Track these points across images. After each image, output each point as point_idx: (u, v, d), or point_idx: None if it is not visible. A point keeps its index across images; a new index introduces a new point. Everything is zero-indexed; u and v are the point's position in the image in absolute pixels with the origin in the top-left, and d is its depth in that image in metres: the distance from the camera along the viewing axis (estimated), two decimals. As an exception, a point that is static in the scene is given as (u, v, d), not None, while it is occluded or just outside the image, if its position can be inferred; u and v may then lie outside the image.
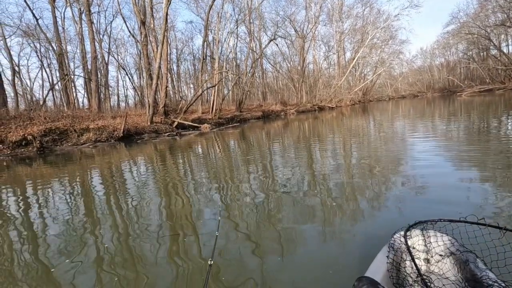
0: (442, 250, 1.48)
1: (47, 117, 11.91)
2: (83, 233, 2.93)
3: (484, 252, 1.41)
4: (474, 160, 4.26)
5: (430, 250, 1.51)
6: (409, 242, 1.49)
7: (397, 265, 1.44)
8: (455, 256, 1.43)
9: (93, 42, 17.96)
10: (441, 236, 1.53)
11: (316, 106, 31.44)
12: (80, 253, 2.47)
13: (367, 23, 37.22)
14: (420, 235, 1.56)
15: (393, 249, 1.49)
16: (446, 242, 1.49)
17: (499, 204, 2.66)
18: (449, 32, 44.79)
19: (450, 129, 7.92)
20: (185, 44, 35.14)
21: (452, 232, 1.57)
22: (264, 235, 2.53)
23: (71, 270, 2.21)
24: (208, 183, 4.56)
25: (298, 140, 9.05)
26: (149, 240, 2.58)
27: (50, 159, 9.29)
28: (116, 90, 34.78)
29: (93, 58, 17.99)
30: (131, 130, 13.08)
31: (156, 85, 14.23)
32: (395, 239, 1.55)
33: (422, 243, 1.54)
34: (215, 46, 21.19)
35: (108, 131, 12.27)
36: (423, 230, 1.59)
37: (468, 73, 47.15)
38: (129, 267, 2.17)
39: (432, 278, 1.33)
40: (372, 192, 3.36)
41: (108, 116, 14.49)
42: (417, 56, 59.64)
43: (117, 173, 6.40)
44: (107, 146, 11.64)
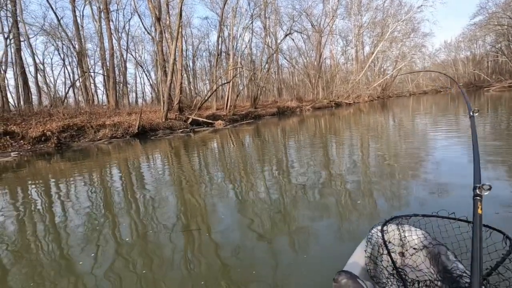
0: (416, 243, 1.54)
1: (66, 114, 12.23)
2: (101, 227, 3.00)
3: (455, 245, 1.48)
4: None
5: (405, 244, 1.57)
6: (385, 237, 1.52)
7: (374, 259, 1.47)
8: (428, 249, 1.50)
9: (110, 40, 18.27)
10: (415, 230, 1.60)
11: (333, 102, 30.67)
12: (98, 247, 2.53)
13: (387, 15, 35.73)
14: (396, 229, 1.62)
15: (370, 244, 1.53)
16: (419, 236, 1.57)
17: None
18: (476, 24, 42.18)
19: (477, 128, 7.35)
20: (201, 41, 35.21)
21: (425, 226, 1.64)
22: (279, 233, 2.54)
23: (90, 263, 2.26)
24: (223, 180, 4.48)
25: (313, 138, 8.76)
26: (166, 236, 2.61)
27: (67, 154, 9.50)
28: (134, 87, 35.52)
29: (111, 56, 18.31)
30: (146, 127, 13.20)
31: (170, 81, 14.26)
32: (373, 234, 1.59)
33: (397, 237, 1.59)
34: (230, 42, 21.01)
35: (123, 128, 12.43)
36: (398, 224, 1.64)
37: (496, 67, 44.46)
38: (146, 263, 2.19)
39: (407, 271, 1.37)
40: (389, 193, 3.30)
41: (123, 112, 14.70)
42: (441, 49, 56.90)
43: (133, 169, 6.44)
44: (122, 142, 11.79)
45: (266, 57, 26.71)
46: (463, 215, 1.48)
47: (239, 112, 20.32)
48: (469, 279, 1.12)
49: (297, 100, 29.64)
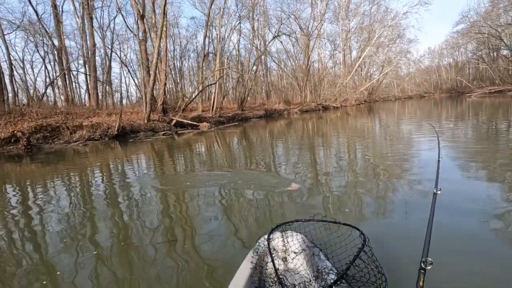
0: (297, 248, 1.63)
1: (40, 113, 11.56)
2: (76, 235, 2.80)
3: (327, 244, 1.63)
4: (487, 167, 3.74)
5: (288, 249, 1.64)
6: (271, 245, 1.57)
7: (260, 268, 1.52)
8: (305, 252, 1.61)
9: (92, 37, 17.60)
10: (296, 235, 1.68)
11: (321, 105, 30.76)
12: (75, 257, 2.34)
13: (374, 21, 36.37)
14: (280, 236, 1.69)
15: (257, 253, 1.57)
16: (299, 240, 1.66)
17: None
18: (458, 32, 43.58)
19: (457, 133, 7.36)
20: (189, 41, 34.68)
21: (304, 230, 1.74)
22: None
23: (68, 273, 2.12)
24: (208, 185, 4.22)
25: (301, 141, 8.55)
26: (147, 245, 2.45)
27: (39, 157, 8.93)
28: (119, 87, 34.56)
29: (92, 54, 17.64)
30: (126, 128, 12.65)
31: (153, 81, 13.79)
32: (260, 243, 1.64)
33: (281, 243, 1.66)
34: (218, 43, 20.67)
35: (102, 129, 11.86)
36: (283, 231, 1.71)
37: (477, 73, 45.99)
38: (127, 274, 2.07)
39: (288, 275, 1.44)
40: (375, 192, 3.31)
41: (103, 113, 14.09)
42: (425, 56, 58.29)
43: (112, 173, 6.04)
44: (100, 144, 11.24)
45: (254, 58, 26.54)
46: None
47: (226, 114, 19.98)
48: (334, 275, 1.32)
49: (285, 103, 29.56)
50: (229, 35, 21.76)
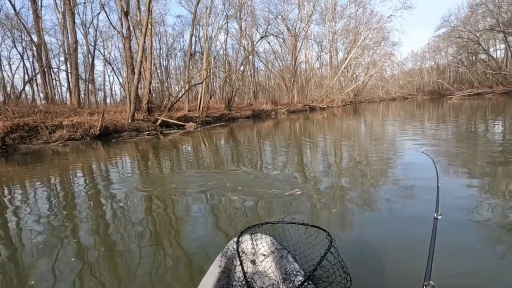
0: (265, 250, 1.62)
1: (16, 112, 11.02)
2: (55, 240, 2.64)
3: (295, 246, 1.62)
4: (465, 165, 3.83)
5: (257, 252, 1.63)
6: (240, 248, 1.55)
7: (228, 272, 1.50)
8: (274, 254, 1.60)
9: (74, 33, 16.99)
10: (265, 238, 1.68)
11: (307, 106, 31.04)
12: (55, 262, 2.22)
13: (360, 23, 37.05)
14: (249, 239, 1.67)
15: (225, 257, 1.55)
16: (268, 242, 1.65)
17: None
18: (439, 36, 45.18)
19: (438, 134, 7.56)
20: (176, 40, 34.16)
21: (273, 233, 1.75)
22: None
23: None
24: (195, 186, 4.08)
25: (289, 142, 8.54)
26: (131, 250, 2.34)
27: (15, 158, 8.51)
28: (103, 86, 33.59)
29: (74, 50, 17.02)
30: (109, 128, 12.27)
31: (137, 80, 13.45)
32: (228, 247, 1.63)
33: (251, 246, 1.65)
34: (204, 42, 20.43)
35: (83, 129, 11.44)
36: (252, 234, 1.69)
37: (457, 76, 47.71)
38: (111, 280, 1.98)
39: (256, 278, 1.43)
40: (361, 191, 3.36)
41: (85, 112, 13.61)
42: (408, 58, 60.04)
43: (94, 174, 5.80)
44: (82, 144, 10.85)
45: (241, 58, 26.45)
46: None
47: (213, 114, 19.78)
48: (302, 277, 1.33)
49: (272, 103, 29.64)
50: (216, 35, 21.58)
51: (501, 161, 4.23)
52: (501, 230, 2.32)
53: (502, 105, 16.14)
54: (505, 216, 2.52)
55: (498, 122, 9.34)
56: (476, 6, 34.49)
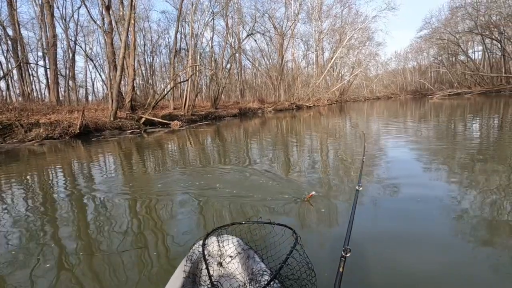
0: (232, 251, 1.59)
1: (-12, 110, 10.44)
2: (31, 244, 2.50)
3: (262, 245, 1.63)
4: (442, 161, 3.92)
5: (223, 253, 1.60)
6: (206, 250, 1.53)
7: (193, 277, 1.46)
8: (240, 255, 1.58)
9: (52, 27, 16.28)
10: (232, 239, 1.66)
11: (294, 104, 31.18)
12: (32, 268, 2.09)
13: (345, 23, 37.53)
14: (216, 241, 1.64)
15: (190, 261, 1.51)
16: (235, 243, 1.63)
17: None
18: (422, 37, 46.51)
19: (420, 132, 7.75)
20: (161, 36, 33.44)
21: (240, 233, 1.74)
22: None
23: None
24: (181, 186, 3.96)
25: (276, 140, 8.50)
26: (113, 254, 2.23)
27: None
28: (84, 82, 32.45)
29: (52, 45, 16.30)
30: (90, 126, 11.83)
31: (120, 76, 13.02)
32: (194, 250, 1.58)
33: (217, 248, 1.62)
34: (190, 39, 20.07)
35: (62, 127, 10.96)
36: (218, 235, 1.66)
37: (438, 77, 49.29)
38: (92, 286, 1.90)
39: (222, 281, 1.39)
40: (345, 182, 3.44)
41: (64, 109, 13.07)
42: (392, 59, 61.55)
43: (72, 175, 5.53)
44: (60, 143, 10.41)
45: (228, 56, 26.21)
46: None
47: (199, 112, 19.50)
48: (268, 276, 1.33)
49: (259, 101, 29.58)
50: (202, 32, 21.25)
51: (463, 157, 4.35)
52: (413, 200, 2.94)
53: (479, 105, 16.77)
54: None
55: (463, 120, 9.68)
56: (456, 9, 35.69)
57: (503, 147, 5.20)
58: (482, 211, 2.62)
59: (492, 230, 2.31)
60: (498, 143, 5.72)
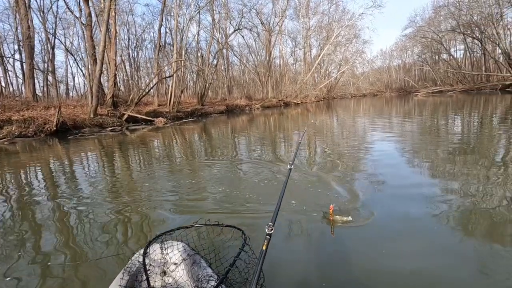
0: (177, 258, 1.51)
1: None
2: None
3: (210, 249, 1.56)
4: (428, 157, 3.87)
5: (167, 261, 1.51)
6: (148, 260, 1.42)
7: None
8: (186, 262, 1.50)
9: (26, 19, 15.39)
10: (177, 245, 1.56)
11: (282, 101, 31.08)
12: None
13: (332, 20, 37.64)
14: (158, 248, 1.54)
15: (128, 273, 1.37)
16: (180, 249, 1.54)
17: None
18: (406, 35, 47.37)
19: (405, 128, 7.77)
20: (145, 30, 32.49)
21: (187, 238, 1.64)
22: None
23: None
24: (167, 188, 3.72)
25: (264, 137, 8.30)
26: (93, 261, 2.01)
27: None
28: (65, 77, 31.17)
29: (27, 38, 15.43)
30: (68, 123, 11.26)
31: (100, 71, 12.45)
32: (133, 261, 1.46)
33: (160, 256, 1.52)
34: (175, 33, 19.51)
35: (37, 124, 10.37)
36: (162, 242, 1.57)
37: (421, 74, 50.42)
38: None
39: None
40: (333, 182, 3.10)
41: (40, 106, 12.39)
42: (377, 56, 62.43)
43: (48, 176, 5.14)
44: (35, 142, 9.85)
45: (215, 52, 25.75)
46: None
47: (184, 109, 19.05)
48: (214, 282, 1.25)
49: (246, 98, 29.32)
50: (187, 26, 20.70)
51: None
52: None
53: (461, 102, 17.15)
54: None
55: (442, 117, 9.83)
56: (439, 8, 36.44)
57: (483, 141, 5.31)
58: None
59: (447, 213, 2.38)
60: (478, 137, 5.76)
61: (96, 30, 20.16)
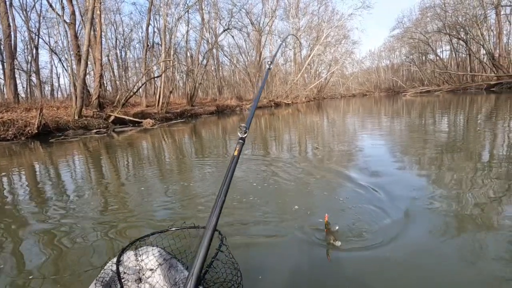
0: (153, 264, 1.47)
1: None
2: None
3: (187, 252, 1.56)
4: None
5: (143, 267, 1.46)
6: (122, 268, 1.37)
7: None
8: (162, 266, 1.46)
9: (6, 18, 14.79)
10: (152, 250, 1.53)
11: (273, 102, 31.02)
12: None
13: (322, 21, 37.88)
14: (133, 255, 1.49)
15: (101, 284, 1.31)
16: (156, 254, 1.50)
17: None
18: (394, 36, 48.16)
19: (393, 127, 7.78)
20: (133, 30, 31.89)
21: (162, 243, 1.60)
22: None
23: None
24: (158, 194, 3.48)
25: (255, 139, 8.16)
26: (74, 275, 1.87)
27: None
28: (50, 78, 30.28)
29: (7, 36, 14.83)
30: (51, 126, 10.83)
31: (84, 72, 12.05)
32: (105, 270, 1.40)
33: (135, 263, 1.47)
34: (163, 33, 19.16)
35: (17, 127, 9.92)
36: (136, 249, 1.53)
37: (409, 75, 51.35)
38: None
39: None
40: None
41: (20, 107, 11.90)
42: (366, 57, 63.38)
43: (28, 182, 4.82)
44: (15, 145, 9.43)
45: (204, 51, 25.47)
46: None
47: (174, 110, 18.73)
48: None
49: (237, 98, 29.14)
50: (176, 25, 20.37)
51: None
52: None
53: (447, 102, 17.45)
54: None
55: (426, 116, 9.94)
56: (426, 9, 37.15)
57: (468, 138, 5.34)
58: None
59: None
60: (464, 135, 5.78)
61: (82, 29, 19.63)
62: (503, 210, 2.35)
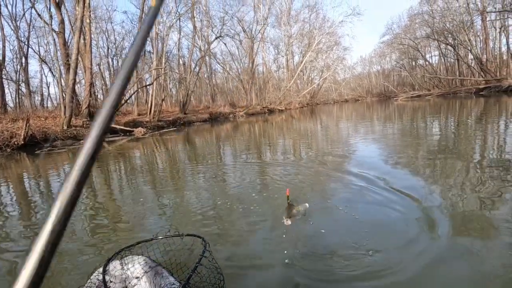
0: (138, 272, 1.49)
1: None
2: None
3: (172, 259, 1.61)
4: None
5: (128, 276, 1.47)
6: (110, 276, 1.39)
7: None
8: (147, 274, 1.48)
9: (-7, 27, 14.54)
10: (138, 259, 1.55)
11: (266, 108, 31.06)
12: None
13: (313, 28, 38.38)
14: (119, 264, 1.51)
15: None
16: (141, 263, 1.52)
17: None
18: (384, 42, 49.02)
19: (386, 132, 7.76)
20: (125, 38, 31.74)
21: (147, 251, 1.63)
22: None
23: None
24: (139, 206, 3.30)
25: (249, 146, 8.03)
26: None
27: None
28: (40, 88, 29.80)
29: (-6, 46, 14.56)
30: (38, 136, 10.54)
31: (73, 80, 11.83)
32: (92, 279, 1.42)
33: (120, 272, 1.48)
34: (155, 40, 19.09)
35: (2, 138, 9.62)
36: (122, 258, 1.55)
37: (400, 80, 52.16)
38: None
39: None
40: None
41: (6, 118, 11.58)
42: (358, 63, 64.30)
43: (14, 196, 4.57)
44: (1, 157, 9.12)
45: (197, 59, 25.45)
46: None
47: (166, 118, 18.53)
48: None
49: (230, 106, 29.08)
50: (168, 33, 20.34)
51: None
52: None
53: (438, 106, 17.67)
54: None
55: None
56: (414, 16, 37.97)
57: (460, 141, 5.33)
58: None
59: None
60: (454, 137, 5.77)
61: (72, 38, 19.42)
62: (493, 209, 2.40)
